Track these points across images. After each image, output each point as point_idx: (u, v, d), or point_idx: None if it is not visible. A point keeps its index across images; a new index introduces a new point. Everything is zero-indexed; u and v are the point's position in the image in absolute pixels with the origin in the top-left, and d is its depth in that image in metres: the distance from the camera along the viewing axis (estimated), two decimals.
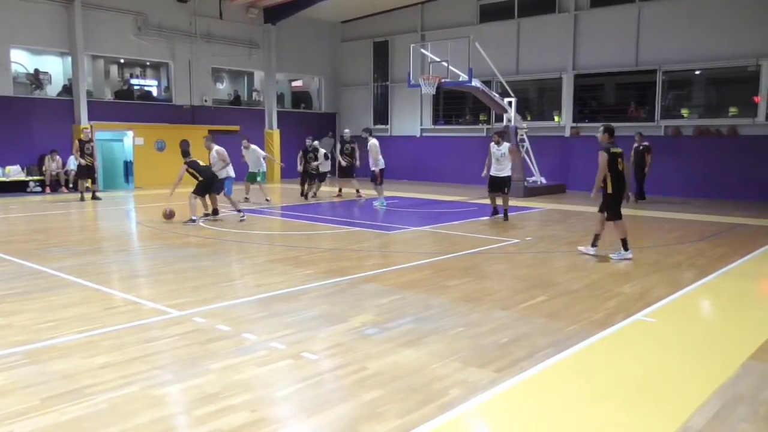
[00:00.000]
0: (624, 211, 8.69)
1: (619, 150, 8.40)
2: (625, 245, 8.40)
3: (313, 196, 16.45)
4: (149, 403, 3.77)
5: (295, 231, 11.28)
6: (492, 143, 12.14)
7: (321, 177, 16.72)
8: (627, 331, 5.30)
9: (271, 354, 4.64)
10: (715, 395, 3.92)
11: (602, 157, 8.29)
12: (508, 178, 12.12)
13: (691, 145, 17.49)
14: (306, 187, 16.60)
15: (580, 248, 8.82)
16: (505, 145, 12.07)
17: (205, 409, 3.67)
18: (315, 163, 16.39)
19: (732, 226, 11.74)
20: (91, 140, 16.29)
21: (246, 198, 15.53)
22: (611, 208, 8.47)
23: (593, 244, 8.61)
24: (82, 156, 15.82)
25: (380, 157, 14.92)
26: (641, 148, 15.89)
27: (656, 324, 5.57)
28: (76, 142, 16.12)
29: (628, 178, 8.61)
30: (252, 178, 15.92)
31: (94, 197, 16.11)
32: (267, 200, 15.63)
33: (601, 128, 8.56)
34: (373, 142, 14.89)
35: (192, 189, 11.84)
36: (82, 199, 15.95)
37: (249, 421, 3.52)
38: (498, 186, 12.15)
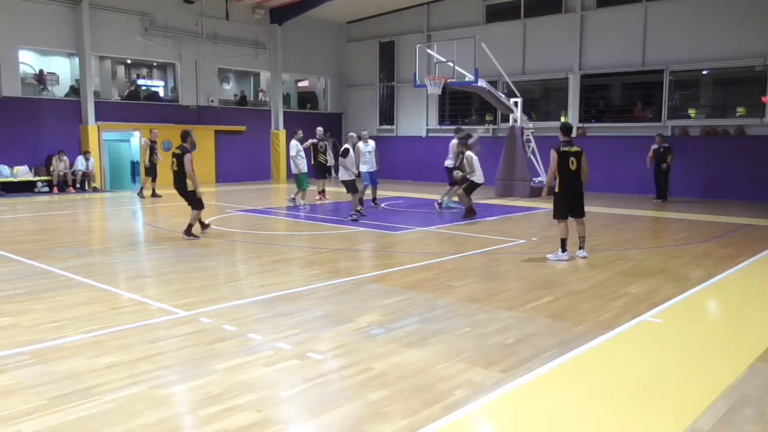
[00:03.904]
0: (634, 212, 8.61)
1: (573, 149, 8.30)
2: (563, 246, 8.32)
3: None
4: (155, 403, 3.79)
5: (299, 231, 11.29)
6: None
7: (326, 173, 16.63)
8: (633, 332, 5.28)
9: (276, 354, 4.65)
10: (722, 397, 3.90)
11: (552, 156, 8.31)
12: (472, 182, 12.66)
13: (698, 146, 17.40)
14: (322, 182, 16.10)
15: (549, 256, 8.42)
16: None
17: (211, 409, 3.68)
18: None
19: (739, 226, 11.68)
20: (155, 141, 17.08)
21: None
22: (556, 206, 8.44)
23: (563, 249, 8.36)
24: (152, 156, 16.69)
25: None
26: (661, 149, 15.80)
27: (663, 325, 5.54)
28: (147, 140, 16.85)
29: (585, 179, 8.39)
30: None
31: (154, 194, 16.71)
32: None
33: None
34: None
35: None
36: (154, 195, 16.64)
37: (254, 421, 3.53)
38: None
